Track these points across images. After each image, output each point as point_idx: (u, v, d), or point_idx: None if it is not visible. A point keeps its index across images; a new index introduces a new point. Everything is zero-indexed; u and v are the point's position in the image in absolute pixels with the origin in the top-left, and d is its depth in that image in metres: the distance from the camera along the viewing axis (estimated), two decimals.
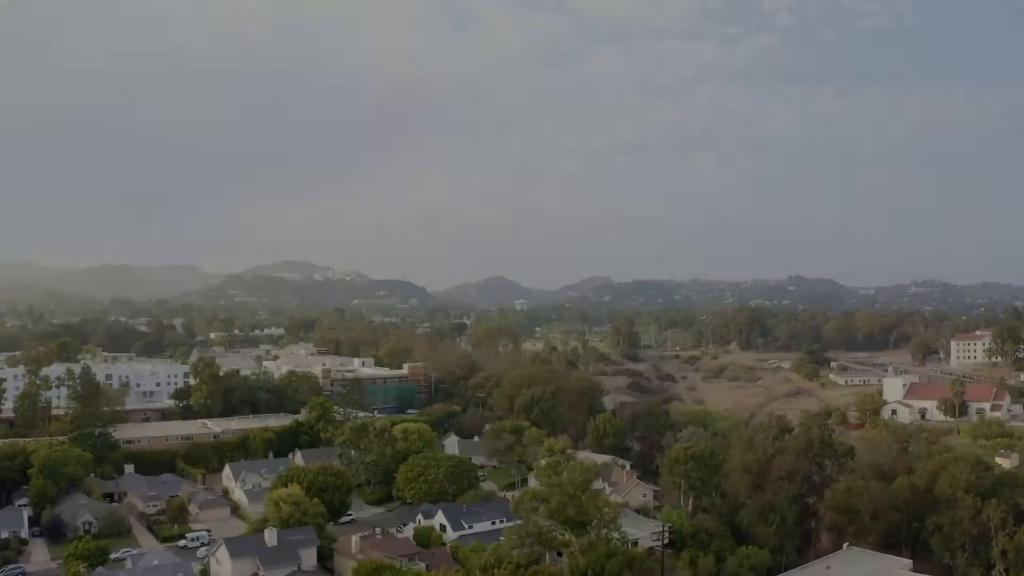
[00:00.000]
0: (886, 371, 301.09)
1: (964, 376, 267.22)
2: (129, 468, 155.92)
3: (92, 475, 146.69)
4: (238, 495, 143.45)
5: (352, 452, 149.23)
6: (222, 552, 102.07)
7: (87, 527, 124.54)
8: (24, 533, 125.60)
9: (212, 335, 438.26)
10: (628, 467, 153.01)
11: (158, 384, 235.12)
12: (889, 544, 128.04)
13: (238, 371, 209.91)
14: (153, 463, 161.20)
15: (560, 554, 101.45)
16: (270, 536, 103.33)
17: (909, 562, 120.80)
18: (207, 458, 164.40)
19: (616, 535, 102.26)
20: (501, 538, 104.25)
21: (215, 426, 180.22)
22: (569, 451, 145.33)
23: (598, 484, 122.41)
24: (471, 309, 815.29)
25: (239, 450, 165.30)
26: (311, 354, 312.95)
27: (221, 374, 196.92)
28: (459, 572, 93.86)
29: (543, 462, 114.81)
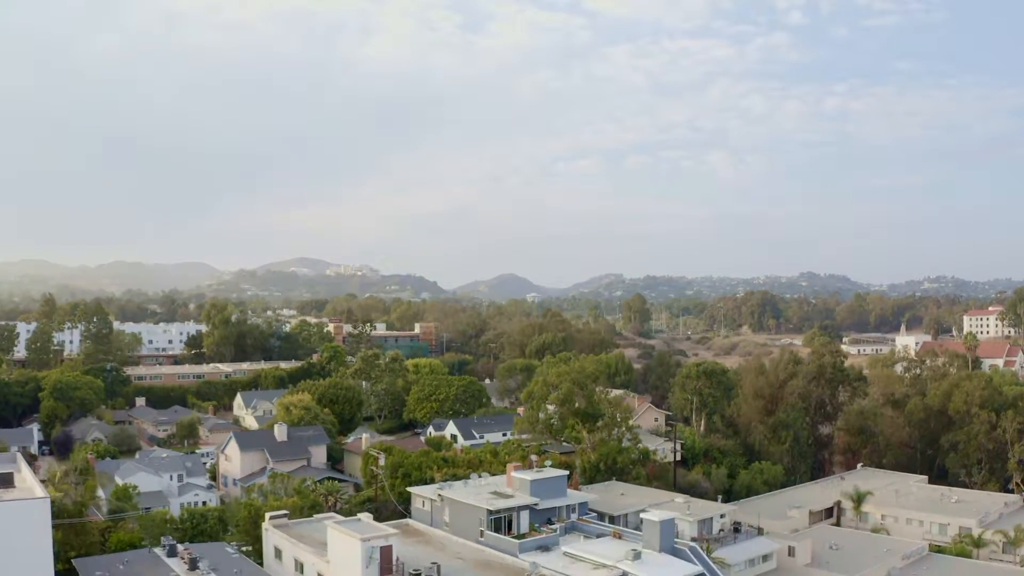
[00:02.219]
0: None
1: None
2: (140, 402, 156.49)
3: (103, 407, 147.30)
4: (248, 422, 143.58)
5: (364, 383, 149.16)
6: (231, 447, 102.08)
7: (96, 444, 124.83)
8: (34, 449, 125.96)
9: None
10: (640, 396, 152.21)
11: (170, 342, 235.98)
12: (903, 468, 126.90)
13: (247, 319, 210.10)
14: (164, 398, 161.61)
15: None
16: (280, 431, 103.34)
17: (924, 477, 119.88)
18: (218, 395, 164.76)
19: (628, 434, 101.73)
20: None
21: (227, 368, 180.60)
22: None
23: None
24: (483, 303, 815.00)
25: (251, 387, 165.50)
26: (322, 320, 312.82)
27: (233, 319, 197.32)
28: (467, 452, 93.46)
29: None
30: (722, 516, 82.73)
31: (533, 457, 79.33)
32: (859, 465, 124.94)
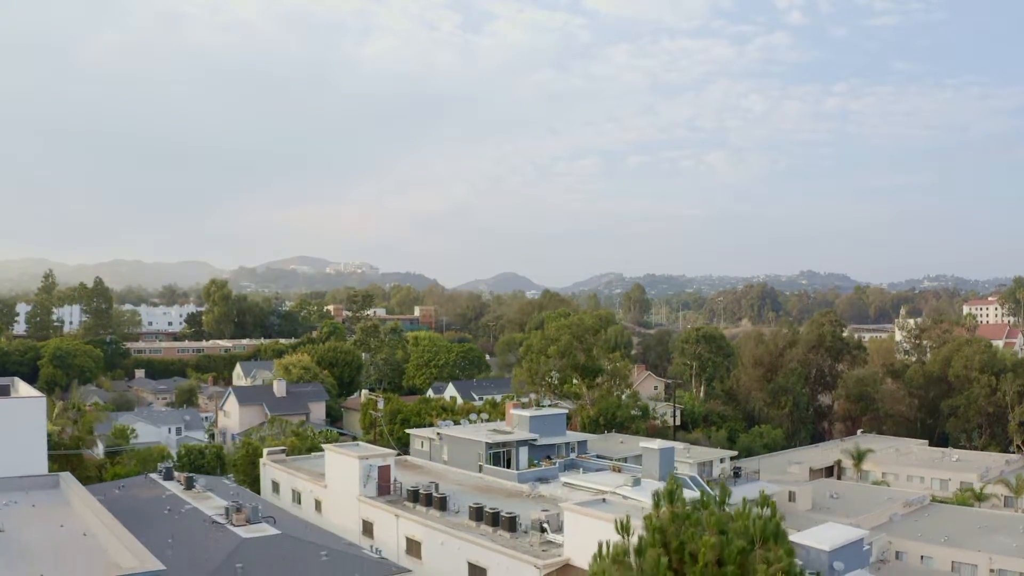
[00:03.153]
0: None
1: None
2: (140, 374, 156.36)
3: (103, 377, 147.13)
4: None
5: (364, 355, 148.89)
6: (230, 402, 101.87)
7: (95, 404, 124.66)
8: None
9: None
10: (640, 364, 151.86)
11: (170, 323, 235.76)
12: (903, 436, 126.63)
13: (246, 296, 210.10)
14: (164, 371, 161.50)
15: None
16: (279, 387, 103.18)
17: (925, 441, 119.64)
18: (218, 368, 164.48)
19: (627, 391, 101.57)
20: None
21: (227, 343, 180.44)
22: None
23: None
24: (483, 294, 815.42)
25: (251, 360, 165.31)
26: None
27: (233, 297, 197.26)
28: (467, 404, 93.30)
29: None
30: (722, 461, 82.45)
31: (532, 395, 79.12)
32: (859, 431, 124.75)
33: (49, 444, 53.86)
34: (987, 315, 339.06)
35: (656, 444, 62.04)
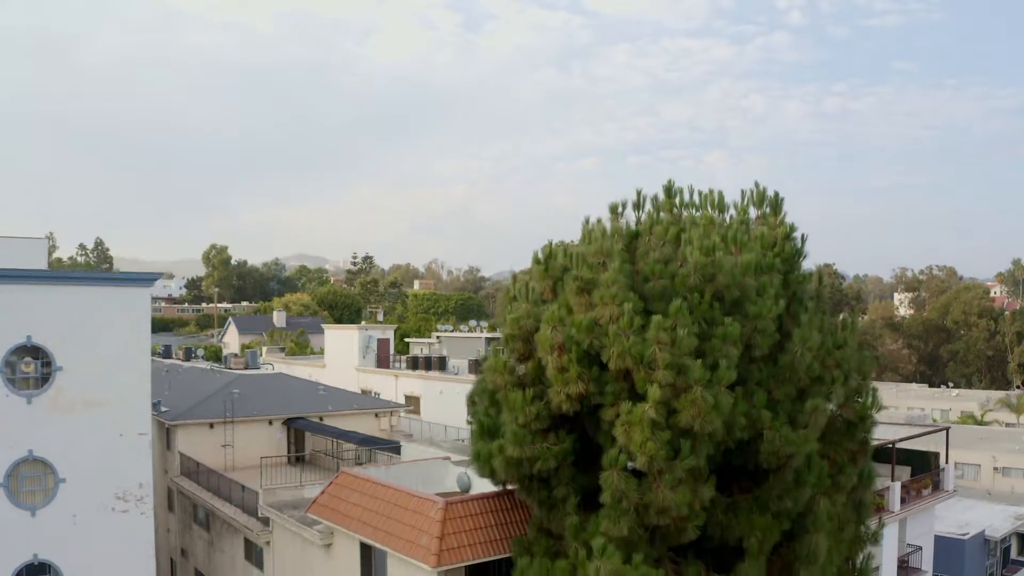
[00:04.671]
0: None
1: None
2: None
3: None
4: None
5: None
6: (230, 331, 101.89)
7: None
8: None
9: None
10: None
11: (169, 294, 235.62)
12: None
13: (246, 262, 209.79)
14: (164, 328, 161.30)
15: None
16: (279, 317, 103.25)
17: (924, 384, 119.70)
18: (219, 326, 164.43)
19: None
20: None
21: (227, 305, 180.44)
22: None
23: None
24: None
25: None
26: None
27: (233, 263, 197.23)
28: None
29: None
30: None
31: None
32: None
33: None
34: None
35: None
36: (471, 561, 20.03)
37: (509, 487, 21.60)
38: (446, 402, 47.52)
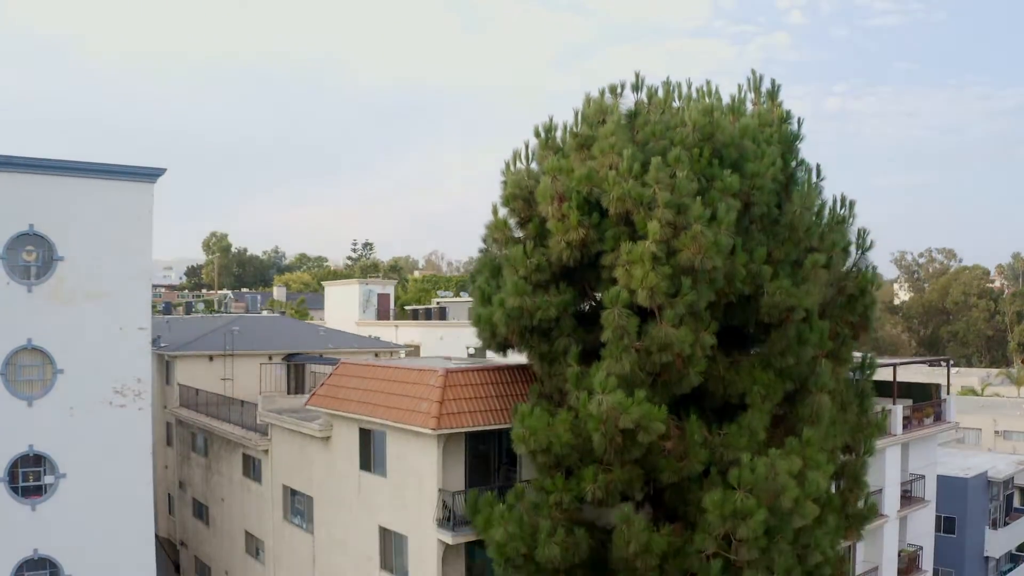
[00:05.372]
0: None
1: None
2: None
3: None
4: None
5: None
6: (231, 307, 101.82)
7: None
8: None
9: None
10: None
11: (170, 284, 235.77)
12: None
13: (247, 249, 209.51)
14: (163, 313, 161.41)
15: None
16: (279, 292, 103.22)
17: (924, 365, 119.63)
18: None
19: None
20: None
21: (228, 291, 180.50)
22: None
23: None
24: None
25: None
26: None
27: (233, 251, 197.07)
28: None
29: None
30: None
31: None
32: None
33: None
34: None
35: None
36: (471, 428, 19.94)
37: (510, 358, 21.57)
38: (446, 348, 47.42)
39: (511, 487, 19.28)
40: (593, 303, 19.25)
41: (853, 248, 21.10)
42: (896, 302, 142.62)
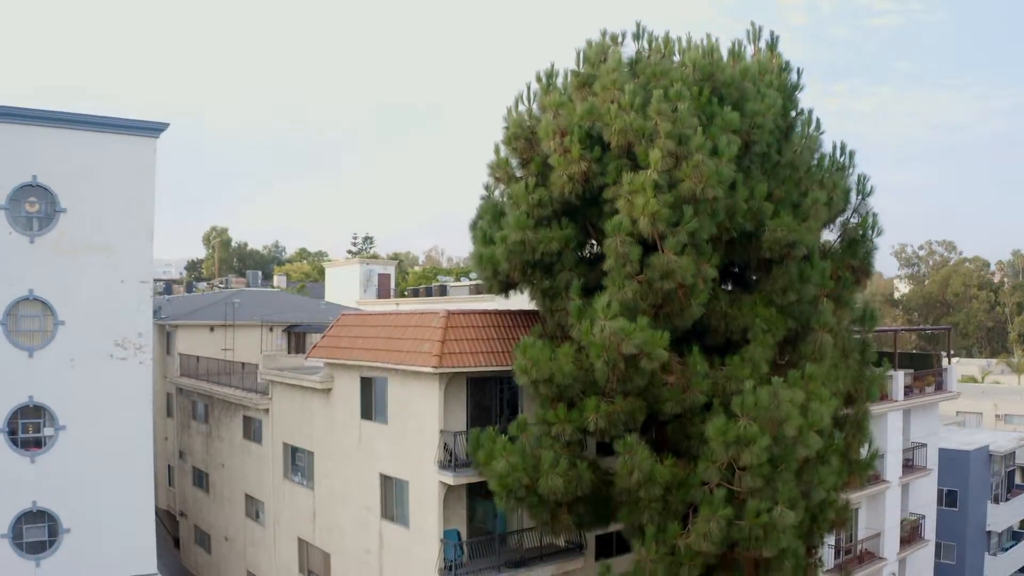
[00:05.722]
0: None
1: None
2: None
3: None
4: None
5: None
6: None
7: None
8: None
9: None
10: None
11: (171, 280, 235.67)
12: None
13: (247, 243, 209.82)
14: None
15: None
16: (279, 280, 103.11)
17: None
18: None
19: None
20: None
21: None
22: None
23: None
24: None
25: None
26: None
27: (234, 245, 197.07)
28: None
29: None
30: None
31: None
32: None
33: None
34: None
35: None
36: (472, 368, 19.91)
37: (511, 304, 21.52)
38: None
39: None
40: (596, 243, 19.23)
41: (853, 195, 21.10)
42: (896, 295, 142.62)
